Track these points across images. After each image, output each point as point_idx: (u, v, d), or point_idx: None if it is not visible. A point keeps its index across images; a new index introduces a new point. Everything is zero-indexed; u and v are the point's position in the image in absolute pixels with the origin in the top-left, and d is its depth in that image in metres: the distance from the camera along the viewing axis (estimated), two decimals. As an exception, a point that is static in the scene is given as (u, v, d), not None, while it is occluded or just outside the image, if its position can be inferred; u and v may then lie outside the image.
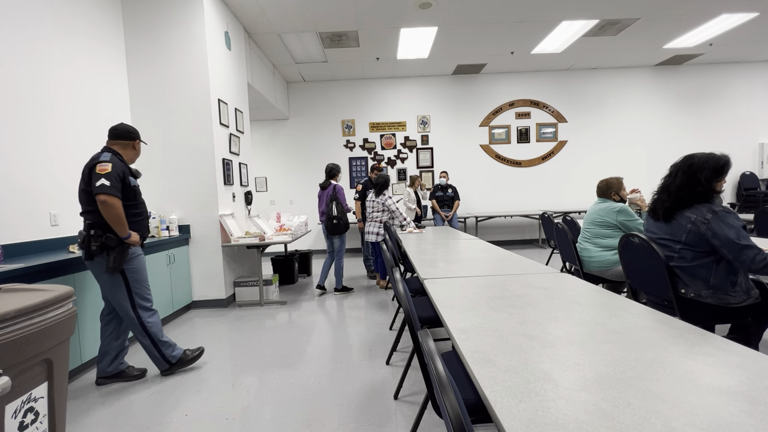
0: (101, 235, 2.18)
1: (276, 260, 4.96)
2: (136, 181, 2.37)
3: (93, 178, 2.14)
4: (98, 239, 2.18)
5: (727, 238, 1.63)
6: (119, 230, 2.18)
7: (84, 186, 2.19)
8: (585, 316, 1.22)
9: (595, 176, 6.98)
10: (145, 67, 3.77)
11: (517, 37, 5.55)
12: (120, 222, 2.17)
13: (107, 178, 2.12)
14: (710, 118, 7.29)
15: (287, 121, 7.25)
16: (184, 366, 2.50)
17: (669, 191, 1.84)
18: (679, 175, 1.80)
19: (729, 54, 6.68)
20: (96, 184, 2.11)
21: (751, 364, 0.86)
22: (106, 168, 2.14)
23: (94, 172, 2.14)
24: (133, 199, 2.30)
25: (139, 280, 2.35)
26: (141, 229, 2.37)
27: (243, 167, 4.64)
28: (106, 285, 2.29)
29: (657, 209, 1.90)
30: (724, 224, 1.65)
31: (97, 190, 2.11)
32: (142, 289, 2.36)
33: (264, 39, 5.25)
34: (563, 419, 0.69)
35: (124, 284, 2.29)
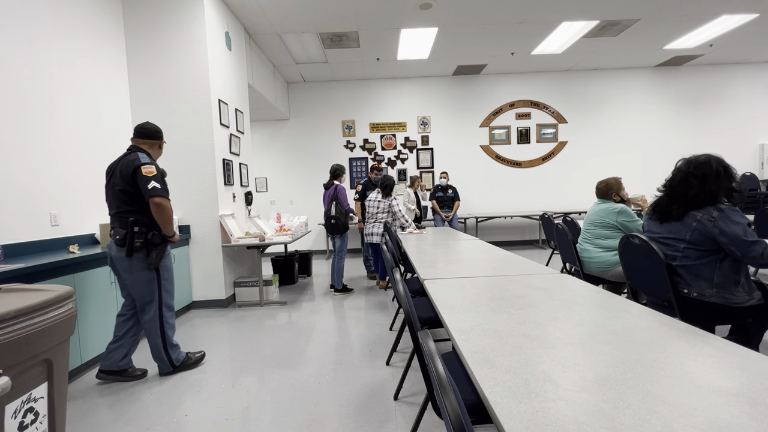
0: (146, 233, 2.25)
1: (276, 260, 4.96)
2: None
3: (141, 181, 2.18)
4: (142, 236, 2.24)
5: (735, 234, 1.64)
6: (167, 229, 2.29)
7: (123, 186, 2.22)
8: (585, 317, 1.22)
9: (595, 177, 6.98)
10: (145, 67, 3.77)
11: (518, 37, 5.55)
12: (170, 221, 2.28)
13: (156, 180, 2.20)
14: (710, 119, 7.29)
15: (287, 122, 7.26)
16: (185, 369, 2.52)
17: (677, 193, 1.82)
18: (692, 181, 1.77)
19: (729, 55, 6.68)
20: (148, 187, 2.18)
21: (752, 365, 0.86)
22: (152, 170, 2.21)
23: (141, 174, 2.19)
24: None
25: (169, 279, 2.43)
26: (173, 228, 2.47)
27: (243, 168, 4.64)
28: (140, 281, 2.31)
29: (659, 210, 1.90)
30: (731, 222, 1.66)
31: (151, 193, 2.18)
32: (170, 289, 2.43)
33: (264, 39, 5.26)
34: (563, 420, 0.68)
35: (157, 282, 2.35)
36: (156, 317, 2.37)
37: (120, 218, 2.25)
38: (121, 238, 2.23)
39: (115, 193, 2.25)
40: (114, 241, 2.26)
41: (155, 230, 2.28)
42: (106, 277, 2.69)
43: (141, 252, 2.27)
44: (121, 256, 2.25)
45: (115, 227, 2.26)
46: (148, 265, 2.29)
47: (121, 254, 2.25)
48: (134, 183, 2.21)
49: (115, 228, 2.26)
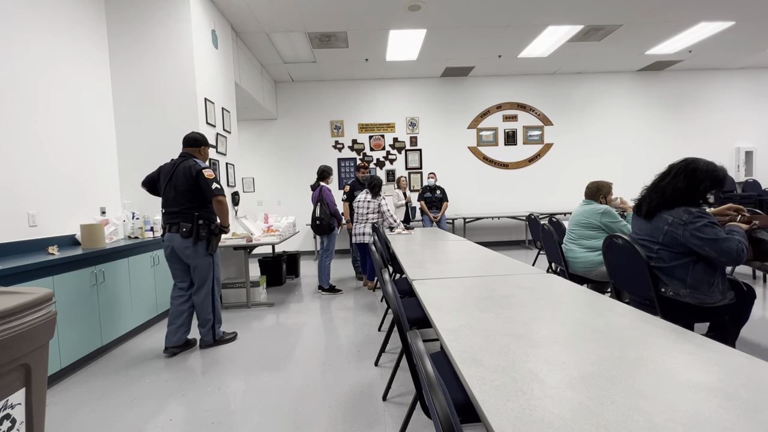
0: (208, 225, 2.72)
1: (263, 261, 4.91)
2: None
3: (204, 183, 2.62)
4: (205, 228, 2.71)
5: (707, 236, 1.68)
6: (225, 221, 2.75)
7: (188, 186, 2.64)
8: (570, 316, 1.24)
9: (581, 178, 7.12)
10: (129, 64, 3.69)
11: (505, 40, 5.63)
12: (227, 215, 2.74)
13: (216, 182, 2.65)
14: (690, 123, 7.52)
15: (275, 121, 7.20)
16: (221, 344, 2.92)
17: (664, 192, 1.83)
18: (681, 178, 1.79)
19: (707, 61, 6.90)
20: (212, 188, 2.63)
21: (728, 360, 0.89)
22: (212, 174, 2.67)
23: (203, 177, 2.63)
24: None
25: (219, 263, 2.91)
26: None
27: (230, 167, 4.58)
28: (202, 266, 2.76)
29: (642, 205, 1.93)
30: (703, 224, 1.69)
31: (215, 193, 2.64)
32: (219, 270, 2.94)
33: (252, 38, 5.20)
34: (550, 417, 0.70)
35: (212, 265, 2.81)
36: (209, 295, 2.82)
37: (185, 214, 2.67)
38: (187, 231, 2.66)
39: (180, 192, 2.65)
40: (180, 234, 2.67)
41: (215, 223, 2.75)
42: (87, 279, 2.62)
43: (203, 241, 2.72)
44: (187, 245, 2.68)
45: (179, 222, 2.67)
46: (209, 251, 2.75)
47: (186, 243, 2.68)
48: (197, 184, 2.63)
49: (179, 222, 2.67)
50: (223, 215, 2.72)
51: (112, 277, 2.88)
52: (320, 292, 4.41)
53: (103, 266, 2.78)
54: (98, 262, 2.74)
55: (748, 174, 7.51)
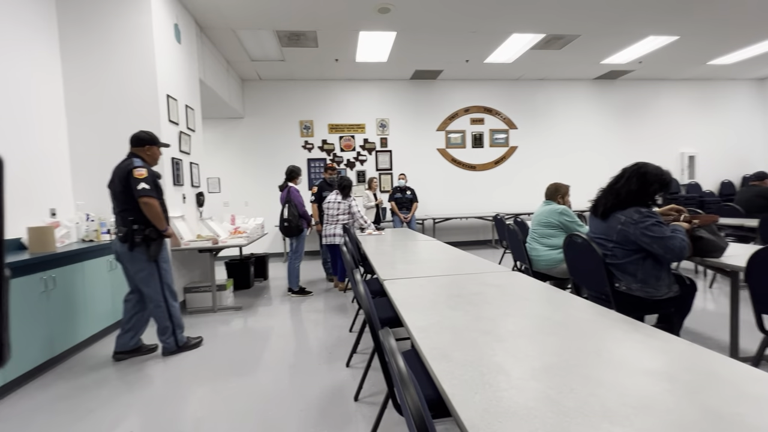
0: (144, 229, 2.54)
1: (230, 264, 4.77)
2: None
3: (133, 182, 2.47)
4: (141, 233, 2.54)
5: (654, 235, 1.82)
6: (159, 225, 2.57)
7: (122, 188, 2.51)
8: (534, 311, 1.30)
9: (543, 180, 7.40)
10: (82, 58, 3.47)
11: (472, 46, 5.79)
12: (159, 218, 2.56)
13: (145, 182, 2.49)
14: (640, 129, 8.05)
15: (242, 120, 7.01)
16: (186, 350, 2.80)
17: (618, 193, 1.97)
18: (633, 181, 1.94)
19: (656, 71, 7.43)
20: (138, 188, 2.46)
21: (673, 348, 0.98)
22: (143, 173, 2.50)
23: (132, 176, 2.48)
24: (160, 197, 2.65)
25: (168, 269, 2.73)
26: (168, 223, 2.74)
27: (194, 167, 4.41)
28: (143, 273, 2.61)
29: (598, 206, 2.07)
30: (651, 223, 1.84)
31: (140, 193, 2.47)
32: (170, 277, 2.74)
33: (217, 34, 5.04)
34: (515, 407, 0.74)
35: (157, 272, 2.64)
36: (162, 303, 2.66)
37: (122, 217, 2.55)
38: (123, 235, 2.54)
39: (116, 195, 2.55)
40: (118, 238, 2.58)
41: (152, 226, 2.56)
42: (36, 286, 2.44)
43: (141, 246, 2.56)
44: (124, 250, 2.56)
45: (119, 225, 2.57)
46: (148, 258, 2.58)
47: (124, 249, 2.56)
48: (129, 185, 2.49)
49: (119, 226, 2.57)
50: (153, 218, 2.54)
51: (64, 283, 2.69)
52: (290, 295, 4.34)
53: (53, 272, 2.59)
54: (48, 268, 2.56)
55: (690, 177, 8.15)
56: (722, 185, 8.20)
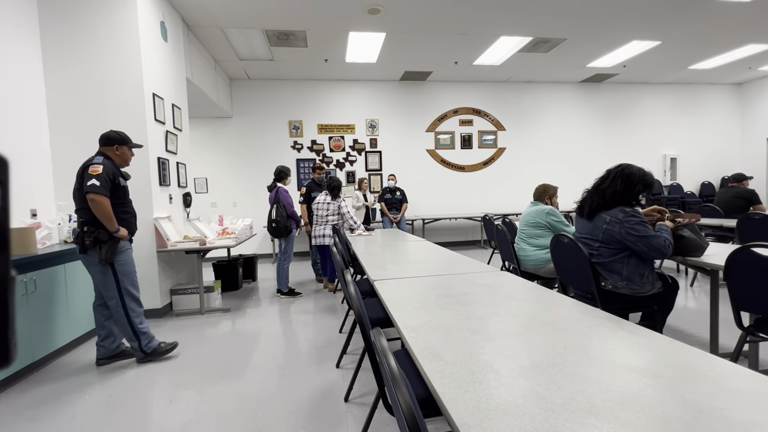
0: (94, 231, 2.40)
1: (218, 266, 4.71)
2: (126, 182, 2.60)
3: (85, 179, 2.35)
4: (91, 234, 2.40)
5: (639, 234, 1.88)
6: (108, 225, 2.41)
7: (78, 186, 2.41)
8: (522, 310, 1.32)
9: (531, 181, 7.54)
10: (65, 54, 3.39)
11: (461, 48, 5.84)
12: (108, 218, 2.40)
13: (97, 178, 2.36)
14: (624, 131, 8.23)
15: (230, 120, 6.93)
16: (158, 357, 2.68)
17: (604, 194, 2.02)
18: (618, 182, 1.99)
19: (639, 75, 7.61)
20: (87, 184, 2.34)
21: (656, 345, 1.00)
22: (97, 169, 2.38)
23: (87, 173, 2.36)
24: (122, 198, 2.54)
25: (127, 273, 2.57)
26: (130, 225, 2.61)
27: (181, 167, 4.34)
28: (98, 277, 2.50)
29: (584, 207, 2.11)
30: (635, 222, 1.90)
31: (87, 189, 2.33)
32: (130, 281, 2.58)
33: (205, 32, 4.98)
34: (504, 404, 0.75)
35: (113, 276, 2.50)
36: (119, 307, 2.53)
37: (78, 217, 2.44)
38: (76, 236, 2.45)
39: (74, 193, 2.45)
40: (74, 240, 2.50)
41: (102, 228, 2.41)
42: (16, 289, 2.37)
43: (94, 249, 2.43)
44: (80, 253, 2.45)
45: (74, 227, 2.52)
46: (99, 260, 2.43)
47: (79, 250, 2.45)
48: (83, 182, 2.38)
49: (74, 227, 2.51)
50: (100, 217, 2.37)
51: (45, 285, 2.63)
52: (279, 296, 4.30)
53: (34, 274, 2.53)
54: (28, 270, 2.49)
55: (672, 178, 8.36)
56: (702, 186, 8.44)
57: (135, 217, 2.68)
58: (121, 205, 2.52)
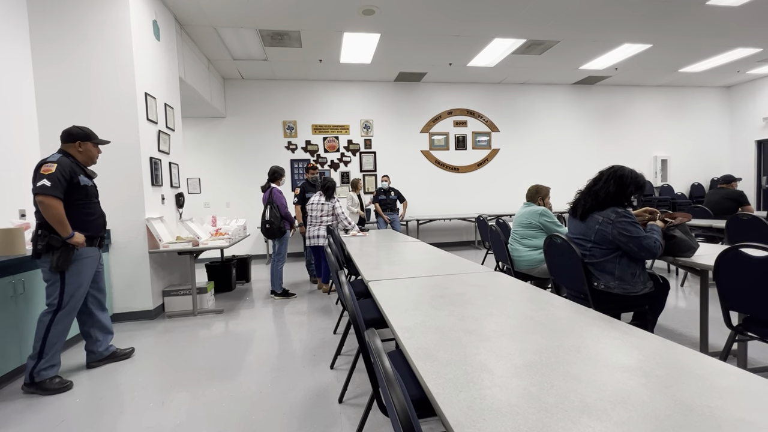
0: (47, 235, 2.21)
1: (211, 267, 4.67)
2: (91, 181, 2.42)
3: (36, 179, 2.18)
4: (44, 239, 2.21)
5: (631, 234, 1.90)
6: (60, 230, 2.21)
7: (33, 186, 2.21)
8: (516, 310, 1.33)
9: (524, 182, 7.58)
10: (55, 52, 3.34)
11: (455, 49, 5.86)
12: (59, 222, 2.19)
13: (49, 178, 2.16)
14: (616, 133, 8.32)
15: (224, 120, 6.88)
16: (42, 392, 2.24)
17: (597, 195, 2.04)
18: (611, 183, 2.01)
19: (630, 78, 7.70)
20: (36, 185, 2.16)
21: (647, 344, 1.02)
22: (50, 169, 2.19)
23: (38, 173, 2.19)
24: (84, 199, 2.35)
25: (76, 286, 2.34)
26: (92, 229, 2.41)
27: (174, 167, 4.31)
28: (48, 284, 2.29)
29: (577, 208, 2.13)
30: (627, 223, 1.92)
31: (36, 190, 2.15)
32: (75, 294, 2.34)
33: (198, 32, 4.94)
34: (498, 404, 0.75)
35: (60, 285, 2.28)
36: (46, 318, 2.27)
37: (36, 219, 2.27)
38: (32, 240, 2.26)
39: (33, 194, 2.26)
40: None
41: (55, 233, 2.22)
42: (4, 291, 2.33)
43: (47, 255, 2.24)
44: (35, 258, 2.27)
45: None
46: (50, 268, 2.24)
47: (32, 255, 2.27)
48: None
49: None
50: (52, 221, 2.16)
51: (34, 287, 2.58)
52: (273, 297, 4.28)
53: (23, 275, 2.49)
54: (17, 271, 2.45)
55: (663, 180, 8.47)
56: (692, 187, 8.56)
57: (101, 219, 2.49)
58: (82, 206, 2.34)
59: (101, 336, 2.62)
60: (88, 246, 2.37)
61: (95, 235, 2.44)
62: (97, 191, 2.50)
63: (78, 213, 2.30)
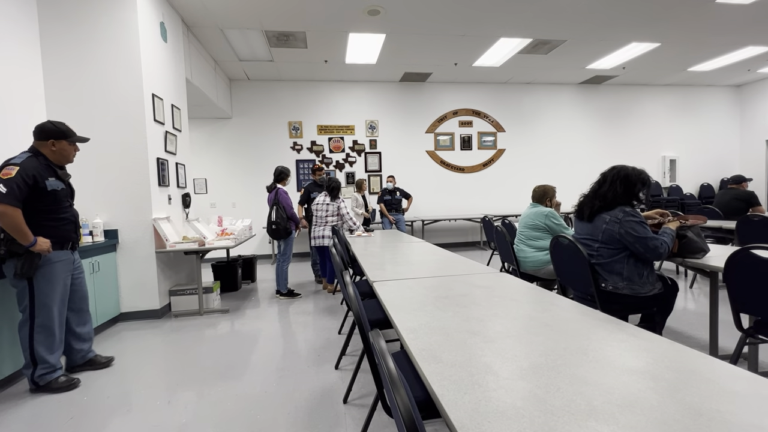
0: (11, 240, 2.10)
1: (217, 266, 4.70)
2: (61, 183, 2.27)
3: None
4: (8, 244, 2.11)
5: (638, 234, 1.89)
6: (19, 238, 2.08)
7: None
8: (521, 312, 1.32)
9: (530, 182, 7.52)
10: (64, 53, 3.38)
11: (460, 49, 5.84)
12: (17, 230, 2.06)
13: (5, 184, 2.02)
14: (623, 133, 8.24)
15: (230, 120, 6.93)
16: (51, 392, 2.26)
17: (605, 197, 2.01)
18: (618, 184, 1.99)
19: (638, 77, 7.62)
20: None
21: (656, 347, 1.00)
22: (10, 173, 2.05)
23: None
24: (51, 204, 2.22)
25: (48, 293, 2.23)
26: (59, 234, 2.27)
27: (180, 167, 4.34)
28: (17, 290, 2.21)
29: (584, 210, 2.11)
30: (635, 222, 1.90)
31: None
32: (47, 303, 2.23)
33: (205, 33, 4.98)
34: (503, 407, 0.74)
35: (29, 293, 2.20)
36: (26, 328, 2.21)
37: None
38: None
39: None
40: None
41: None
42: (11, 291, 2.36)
43: (11, 260, 2.15)
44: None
45: None
46: (15, 274, 2.14)
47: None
48: None
49: None
50: (9, 229, 2.04)
51: (43, 286, 2.61)
52: (278, 297, 4.30)
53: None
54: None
55: (672, 180, 8.37)
56: (702, 188, 8.44)
57: (72, 223, 2.35)
58: (49, 211, 2.21)
59: (76, 344, 2.50)
60: (57, 250, 2.25)
61: (65, 239, 2.31)
62: (69, 193, 2.36)
63: (44, 218, 2.19)
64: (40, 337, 2.23)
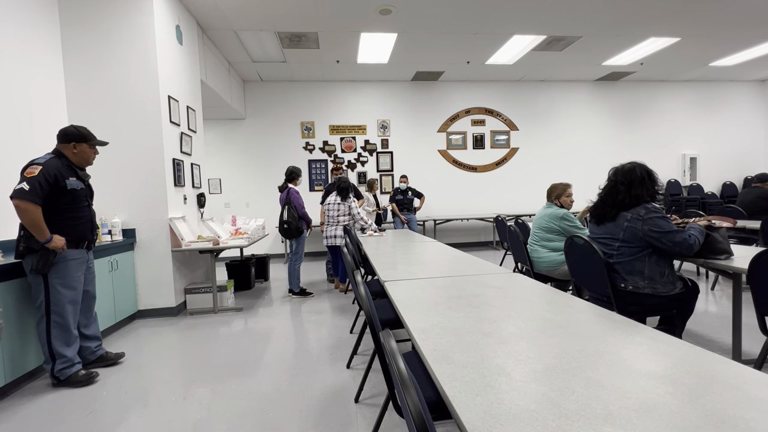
0: (29, 237, 2.19)
1: (231, 265, 4.77)
2: (81, 183, 2.36)
3: (19, 181, 2.15)
4: (26, 240, 2.20)
5: (663, 229, 1.85)
6: (37, 234, 2.17)
7: None
8: (535, 313, 1.30)
9: (544, 181, 7.41)
10: (84, 57, 3.48)
11: (473, 47, 5.79)
12: (35, 226, 2.15)
13: (29, 182, 2.13)
14: (641, 130, 8.04)
15: (243, 121, 7.02)
16: (72, 386, 2.33)
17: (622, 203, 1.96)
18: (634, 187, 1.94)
19: (657, 73, 7.42)
20: (15, 188, 2.12)
21: (675, 350, 0.97)
22: (33, 171, 2.15)
23: (22, 174, 2.16)
24: (71, 203, 2.31)
25: (62, 290, 2.30)
26: (76, 233, 2.35)
27: (195, 168, 4.42)
28: (32, 285, 2.30)
29: (599, 214, 2.07)
30: (658, 218, 1.87)
31: (12, 194, 2.12)
32: (61, 300, 2.30)
33: (219, 35, 5.06)
34: (516, 409, 0.73)
35: (44, 289, 2.27)
36: (43, 323, 2.29)
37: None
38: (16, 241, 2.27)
39: None
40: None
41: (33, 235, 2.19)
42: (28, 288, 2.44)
43: (29, 256, 2.24)
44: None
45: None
46: (30, 270, 2.23)
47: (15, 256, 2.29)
48: None
49: None
50: (28, 225, 2.14)
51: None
52: (290, 296, 4.33)
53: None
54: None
55: (692, 179, 8.12)
56: (724, 187, 8.18)
57: (89, 223, 2.43)
58: (68, 210, 2.29)
59: (84, 342, 2.54)
60: (72, 248, 2.32)
61: (81, 238, 2.38)
62: (89, 193, 2.45)
63: (62, 217, 2.26)
64: (56, 332, 2.30)
